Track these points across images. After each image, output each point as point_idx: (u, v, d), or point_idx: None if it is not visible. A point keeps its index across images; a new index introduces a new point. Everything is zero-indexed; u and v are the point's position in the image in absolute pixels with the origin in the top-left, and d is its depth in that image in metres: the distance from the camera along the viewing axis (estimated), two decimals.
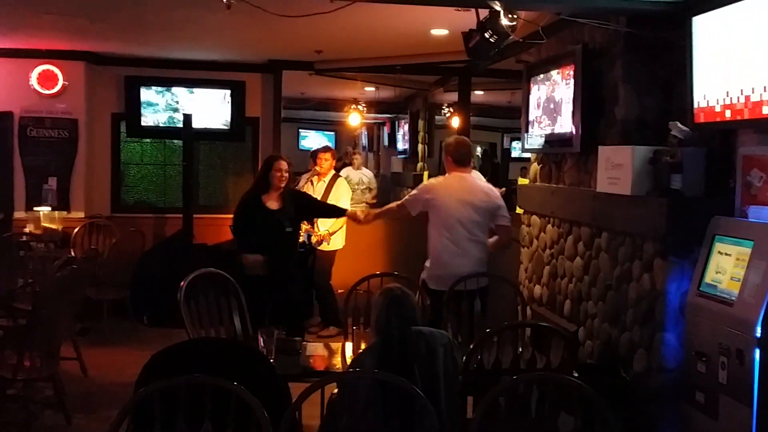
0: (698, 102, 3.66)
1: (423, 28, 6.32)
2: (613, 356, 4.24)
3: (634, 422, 3.82)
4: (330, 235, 6.91)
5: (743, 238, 3.31)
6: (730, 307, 3.25)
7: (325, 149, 7.60)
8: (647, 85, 4.26)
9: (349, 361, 3.83)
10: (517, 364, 3.61)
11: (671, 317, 3.71)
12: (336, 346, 4.41)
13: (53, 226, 7.81)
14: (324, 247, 6.99)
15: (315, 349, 4.35)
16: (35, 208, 8.00)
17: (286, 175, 5.30)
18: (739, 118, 3.39)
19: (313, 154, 7.69)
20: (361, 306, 4.51)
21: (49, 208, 8.00)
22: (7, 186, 8.17)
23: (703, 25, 3.63)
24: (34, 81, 8.11)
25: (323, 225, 6.94)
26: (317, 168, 7.33)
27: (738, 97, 3.38)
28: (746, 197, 3.51)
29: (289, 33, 6.59)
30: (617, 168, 4.05)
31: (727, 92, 3.45)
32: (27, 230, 7.69)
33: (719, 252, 3.45)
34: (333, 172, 7.37)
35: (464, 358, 3.49)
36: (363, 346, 3.71)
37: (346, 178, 7.89)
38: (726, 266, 3.37)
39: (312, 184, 7.33)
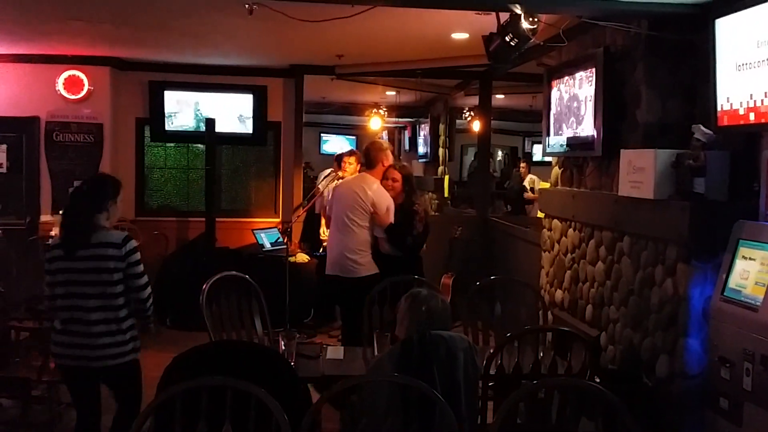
0: (722, 105, 3.63)
1: (443, 32, 6.32)
2: (635, 362, 4.20)
3: (657, 429, 3.79)
4: None
5: None
6: (755, 312, 3.21)
7: (350, 153, 7.56)
8: (669, 88, 4.23)
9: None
10: (537, 369, 3.59)
11: (694, 322, 3.67)
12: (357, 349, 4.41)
13: None
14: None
15: (336, 352, 4.36)
16: (61, 212, 8.07)
17: (394, 184, 5.56)
18: (763, 121, 3.36)
19: (338, 158, 7.70)
20: (382, 310, 4.51)
21: None
22: (34, 190, 8.29)
23: (726, 28, 3.60)
24: (60, 86, 8.23)
25: None
26: (340, 173, 7.33)
27: (762, 100, 3.34)
28: None
29: (311, 38, 6.62)
30: (639, 171, 4.02)
31: (751, 95, 3.42)
32: (53, 233, 7.77)
33: (743, 257, 3.41)
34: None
35: (484, 362, 3.48)
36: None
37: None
38: (750, 271, 3.33)
39: None
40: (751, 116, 3.42)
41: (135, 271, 3.60)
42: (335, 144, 17.19)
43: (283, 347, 3.82)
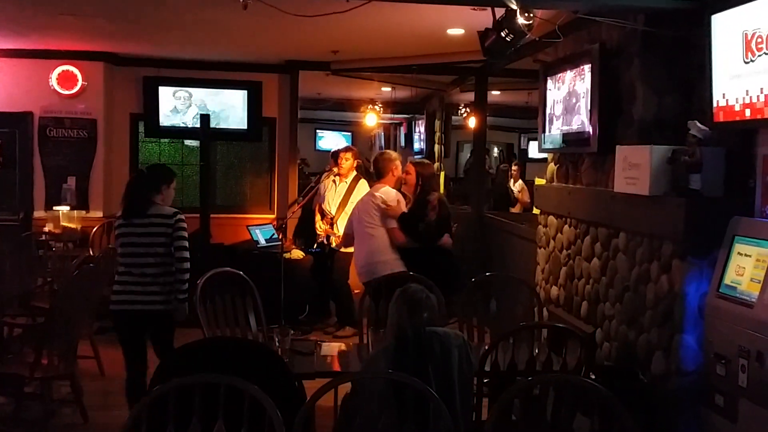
0: (717, 101, 3.62)
1: (439, 27, 6.30)
2: (630, 358, 4.20)
3: (652, 425, 3.78)
4: None
5: (763, 238, 3.27)
6: (750, 309, 3.20)
7: (346, 149, 7.51)
8: (665, 84, 4.22)
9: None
10: (532, 365, 3.58)
11: (690, 319, 3.67)
12: (352, 346, 4.40)
13: (72, 226, 7.88)
14: (343, 248, 6.99)
15: (330, 349, 4.34)
16: (54, 208, 8.07)
17: (407, 177, 5.73)
18: (759, 117, 3.34)
19: (334, 155, 7.66)
20: (377, 306, 4.49)
21: (68, 208, 8.07)
22: (27, 185, 8.26)
23: (722, 23, 3.59)
24: (53, 81, 8.19)
25: (342, 227, 6.94)
26: (335, 169, 7.31)
27: (758, 96, 3.33)
28: (766, 197, 3.46)
29: (306, 33, 6.59)
30: (635, 168, 4.01)
31: (747, 91, 3.40)
32: (46, 229, 7.76)
33: (739, 253, 3.40)
34: (354, 173, 7.33)
35: (479, 359, 3.47)
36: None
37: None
38: (746, 267, 3.32)
39: (335, 184, 7.32)
40: (747, 112, 3.41)
41: (180, 244, 4.42)
42: (331, 140, 17.16)
43: (278, 344, 3.81)
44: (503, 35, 4.13)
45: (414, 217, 5.51)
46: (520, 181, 12.03)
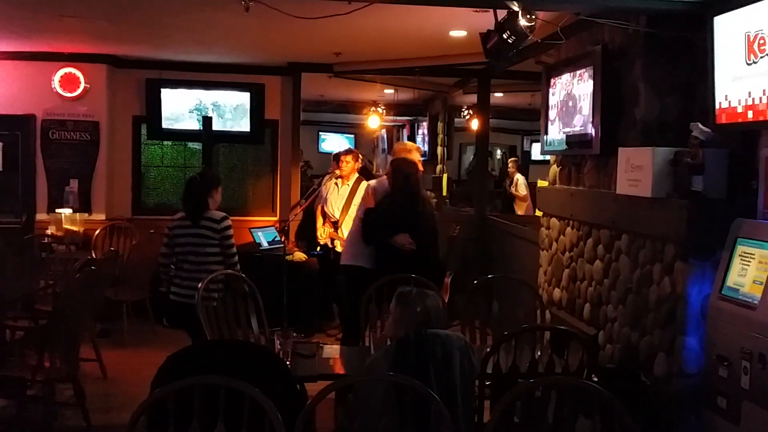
0: (720, 103, 3.61)
1: (441, 29, 6.29)
2: (633, 360, 4.18)
3: (655, 428, 3.77)
4: None
5: (766, 240, 3.26)
6: (753, 311, 3.19)
7: (347, 151, 7.53)
8: (667, 85, 4.21)
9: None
10: (534, 368, 3.57)
11: (692, 321, 3.65)
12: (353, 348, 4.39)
13: (75, 228, 7.89)
14: None
15: (332, 351, 4.34)
16: (57, 210, 8.08)
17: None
18: (761, 119, 3.33)
19: (336, 157, 7.67)
20: (379, 309, 4.49)
21: (71, 210, 8.07)
22: (30, 188, 8.26)
23: (724, 25, 3.58)
24: (56, 84, 8.18)
25: (347, 230, 6.93)
26: (337, 171, 7.32)
27: (760, 98, 3.32)
28: None
29: (308, 35, 6.59)
30: (637, 170, 4.00)
31: (749, 92, 3.40)
32: (49, 232, 7.77)
33: (741, 255, 3.39)
34: (356, 175, 7.34)
35: (481, 361, 3.46)
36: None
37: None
38: (748, 269, 3.32)
39: (337, 187, 7.33)
40: (750, 114, 3.40)
41: (227, 243, 5.07)
42: (333, 142, 17.16)
43: (279, 346, 3.80)
44: (505, 37, 4.12)
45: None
46: (517, 176, 11.99)
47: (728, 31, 3.55)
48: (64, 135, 8.29)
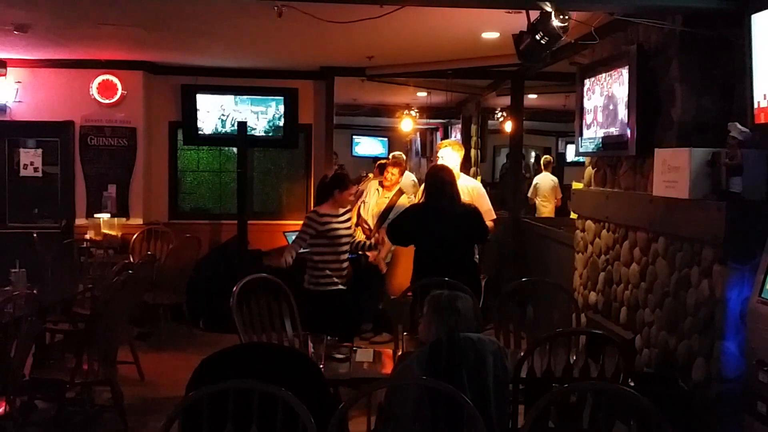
0: (758, 102, 3.54)
1: (474, 31, 6.27)
2: (670, 365, 4.12)
3: None
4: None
5: None
6: None
7: (395, 164, 7.50)
8: (705, 85, 4.14)
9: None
10: (569, 372, 3.53)
11: (731, 325, 3.58)
12: (388, 352, 4.39)
13: (113, 233, 8.02)
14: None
15: (366, 355, 4.33)
16: (95, 215, 8.22)
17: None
18: None
19: (381, 166, 7.78)
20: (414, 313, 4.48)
21: (109, 215, 8.21)
22: (69, 193, 8.42)
23: (762, 23, 3.51)
24: (94, 91, 8.34)
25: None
26: (384, 180, 7.41)
27: None
28: None
29: (341, 39, 6.62)
30: (674, 171, 3.94)
31: None
32: (87, 237, 7.90)
33: None
34: (398, 187, 7.42)
35: (515, 365, 3.43)
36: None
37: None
38: None
39: (378, 192, 7.42)
40: None
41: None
42: (367, 146, 17.21)
43: (313, 350, 3.81)
44: (538, 38, 4.08)
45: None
46: (542, 174, 11.66)
47: (766, 28, 3.48)
48: (102, 141, 8.44)
